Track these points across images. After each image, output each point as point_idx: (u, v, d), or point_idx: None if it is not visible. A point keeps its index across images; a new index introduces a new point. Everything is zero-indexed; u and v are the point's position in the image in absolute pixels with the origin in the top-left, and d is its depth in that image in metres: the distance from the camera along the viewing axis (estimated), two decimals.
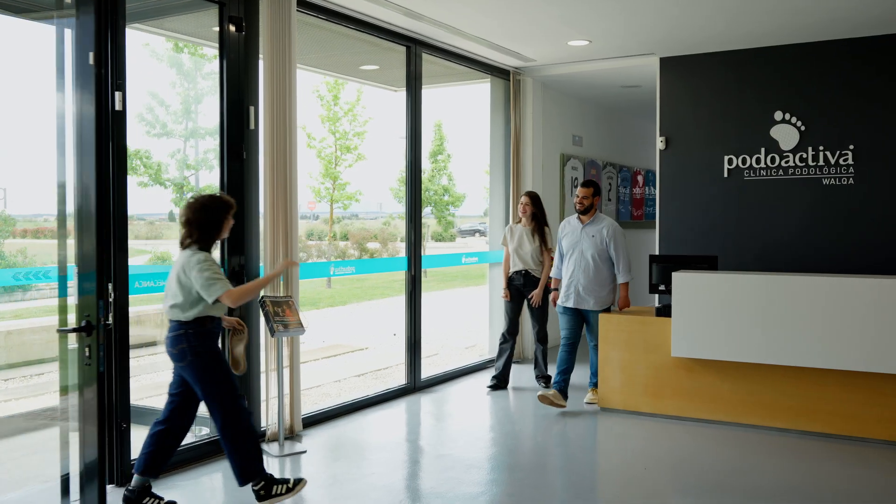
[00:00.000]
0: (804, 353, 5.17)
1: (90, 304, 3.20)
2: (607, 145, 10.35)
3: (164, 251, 13.67)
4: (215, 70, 5.04)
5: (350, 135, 17.98)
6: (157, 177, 14.01)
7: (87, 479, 3.26)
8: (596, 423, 5.75)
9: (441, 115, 19.65)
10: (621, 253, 5.97)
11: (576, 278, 6.00)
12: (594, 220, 6.07)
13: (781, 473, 4.59)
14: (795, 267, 6.71)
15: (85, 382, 3.24)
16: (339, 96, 17.74)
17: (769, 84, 6.94)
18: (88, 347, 3.20)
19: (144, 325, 7.73)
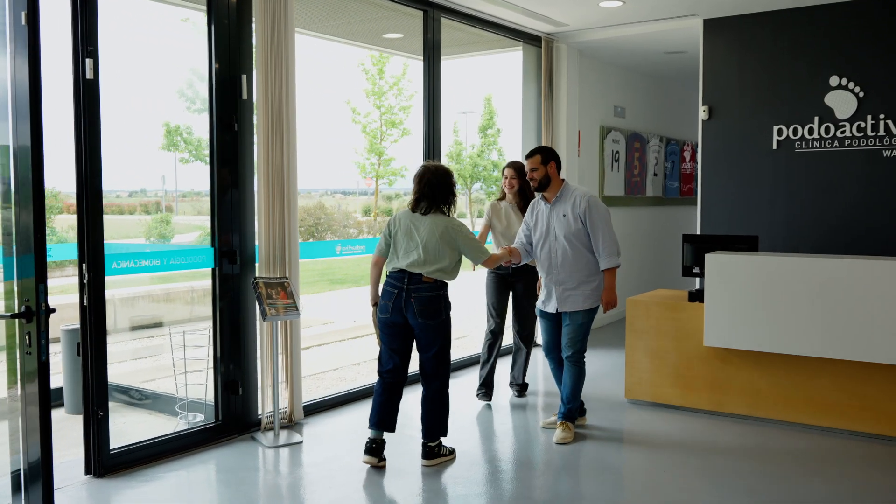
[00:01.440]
0: (855, 346, 4.62)
1: (29, 288, 2.93)
2: (653, 117, 9.75)
3: None
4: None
5: (396, 109, 17.64)
6: (197, 153, 13.99)
7: (31, 474, 3.02)
8: (623, 415, 5.32)
9: (486, 87, 19.13)
10: (601, 229, 4.58)
11: (555, 275, 4.68)
12: (562, 195, 4.68)
13: (823, 478, 4.09)
14: (851, 249, 6.09)
15: (27, 373, 2.98)
16: (385, 70, 17.40)
17: (824, 46, 6.28)
18: (28, 335, 2.94)
19: (142, 307, 7.61)
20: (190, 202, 16.12)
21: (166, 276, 8.23)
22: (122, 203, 13.07)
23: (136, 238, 10.76)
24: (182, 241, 11.93)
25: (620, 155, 8.95)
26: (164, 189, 13.13)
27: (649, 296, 5.70)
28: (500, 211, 5.55)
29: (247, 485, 4.06)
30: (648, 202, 9.64)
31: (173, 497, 3.92)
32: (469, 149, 21.55)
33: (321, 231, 18.03)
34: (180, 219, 14.52)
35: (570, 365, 4.72)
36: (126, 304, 7.72)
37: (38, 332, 2.90)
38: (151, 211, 16.33)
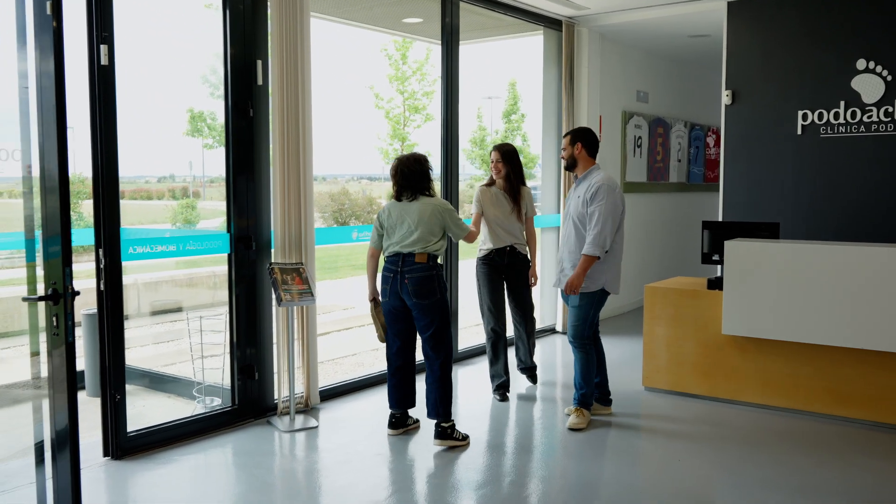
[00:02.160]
0: (876, 335, 4.53)
1: (56, 272, 2.97)
2: (677, 101, 9.61)
3: None
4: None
5: (419, 94, 17.59)
6: (221, 138, 14.09)
7: (59, 452, 3.05)
8: (640, 402, 5.28)
9: (510, 72, 18.98)
10: (596, 216, 4.49)
11: (561, 251, 4.79)
12: (586, 176, 4.69)
13: (843, 469, 4.03)
14: (875, 236, 5.97)
15: (54, 353, 3.02)
16: (408, 55, 17.34)
17: (851, 29, 6.14)
18: (56, 317, 2.98)
19: (163, 292, 7.67)
20: (217, 188, 16.23)
21: (190, 260, 8.31)
22: (150, 188, 13.19)
23: (163, 223, 10.85)
24: (207, 226, 11.99)
25: (643, 140, 8.85)
26: (191, 174, 13.23)
27: (668, 283, 5.64)
28: (489, 196, 5.30)
29: (262, 468, 4.10)
30: (672, 188, 9.53)
31: (190, 480, 3.96)
32: (493, 134, 21.44)
33: (345, 217, 18.09)
34: (207, 204, 14.65)
35: (574, 350, 4.75)
36: (148, 289, 7.80)
37: (65, 314, 2.94)
38: (178, 196, 16.52)
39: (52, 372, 2.94)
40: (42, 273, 3.20)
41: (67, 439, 2.96)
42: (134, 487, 3.83)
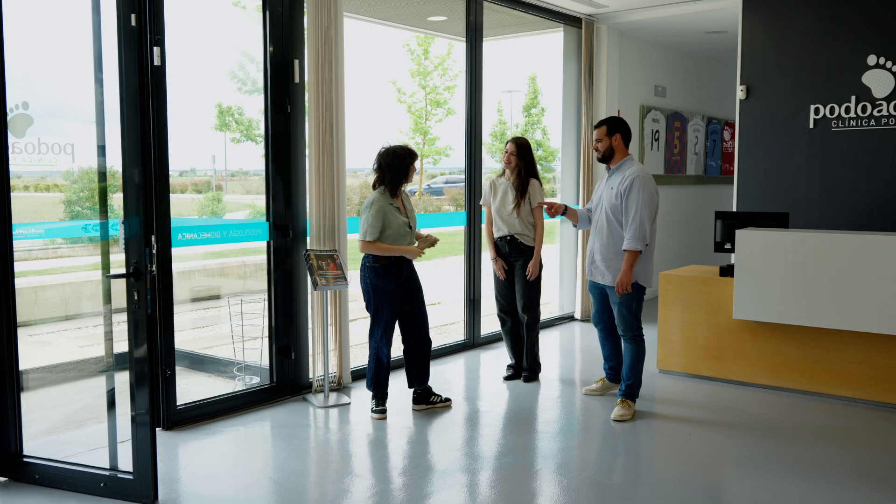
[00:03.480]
0: (880, 319, 4.77)
1: (138, 252, 3.32)
2: (694, 96, 9.83)
3: (262, 206, 14.20)
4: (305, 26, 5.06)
5: (440, 89, 17.87)
6: (248, 133, 14.44)
7: (140, 428, 3.39)
8: (654, 385, 5.55)
9: (530, 66, 19.20)
10: (634, 208, 4.54)
11: (592, 242, 4.85)
12: (620, 167, 4.73)
13: (849, 448, 4.29)
14: (884, 226, 6.18)
15: (135, 325, 3.37)
16: (430, 50, 17.61)
17: (862, 25, 6.34)
18: (137, 292, 3.33)
19: (198, 281, 8.02)
20: (239, 181, 16.62)
21: (220, 251, 8.69)
22: (173, 182, 13.56)
23: (189, 216, 11.21)
24: (232, 218, 12.35)
25: (660, 134, 9.08)
26: (213, 168, 13.60)
27: (682, 270, 5.90)
28: (496, 187, 5.50)
29: (299, 439, 4.42)
30: (689, 181, 9.75)
31: (235, 448, 4.30)
32: (514, 128, 21.67)
33: None
34: (230, 197, 15.04)
35: (626, 342, 4.82)
36: (184, 278, 8.18)
37: (145, 289, 3.29)
38: (202, 190, 16.83)
39: (132, 343, 3.27)
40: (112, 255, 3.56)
41: (147, 406, 3.30)
42: (186, 454, 4.17)
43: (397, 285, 4.75)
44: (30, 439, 3.85)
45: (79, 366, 6.01)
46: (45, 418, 4.89)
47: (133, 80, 3.21)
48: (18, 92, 3.95)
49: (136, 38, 3.16)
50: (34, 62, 4.45)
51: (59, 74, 5.92)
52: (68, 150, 4.78)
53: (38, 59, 4.60)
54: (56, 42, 5.58)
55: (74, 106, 6.41)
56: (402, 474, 3.96)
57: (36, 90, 4.29)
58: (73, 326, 7.50)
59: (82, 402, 5.39)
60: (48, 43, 4.97)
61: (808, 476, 3.87)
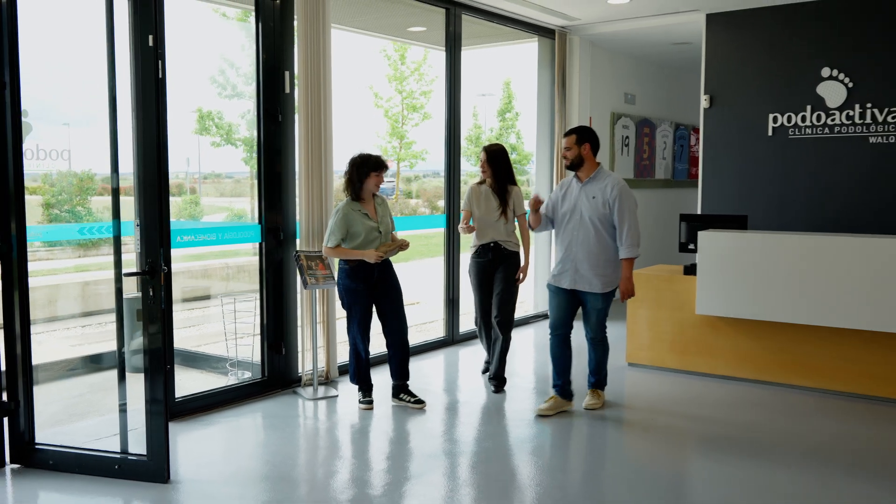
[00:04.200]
0: (828, 314, 5.17)
1: (153, 251, 3.61)
2: (663, 103, 10.25)
3: (240, 208, 14.40)
4: None
5: (417, 94, 18.18)
6: (228, 137, 14.65)
7: (154, 413, 3.67)
8: (624, 377, 5.91)
9: (505, 71, 19.59)
10: (627, 218, 4.69)
11: (574, 252, 4.80)
12: (596, 177, 4.79)
13: (803, 432, 4.67)
14: (839, 227, 6.61)
15: (150, 319, 3.65)
16: (406, 56, 17.91)
17: (817, 39, 6.78)
18: (152, 288, 3.61)
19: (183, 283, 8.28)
20: (212, 184, 16.79)
21: (201, 254, 8.96)
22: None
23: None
24: (210, 220, 12.59)
25: (630, 140, 9.48)
26: (186, 171, 13.80)
27: (649, 269, 6.28)
28: (479, 195, 5.52)
29: (290, 428, 4.72)
30: (658, 184, 10.16)
31: (230, 437, 4.58)
32: (488, 132, 22.05)
33: None
34: (205, 200, 15.27)
35: (597, 344, 5.02)
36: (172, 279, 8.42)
37: (160, 286, 3.57)
38: (174, 193, 16.89)
39: (146, 336, 3.55)
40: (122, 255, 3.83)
41: (162, 393, 3.59)
42: (185, 442, 4.44)
43: (367, 286, 4.96)
44: (38, 430, 4.11)
45: (69, 364, 6.24)
46: (45, 412, 5.12)
47: (151, 95, 3.50)
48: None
49: (153, 57, 3.44)
50: (31, 70, 4.65)
51: (54, 82, 6.16)
52: (65, 155, 5.04)
53: (34, 68, 4.82)
54: (53, 52, 5.82)
55: (69, 113, 6.65)
56: (388, 458, 4.27)
57: (33, 97, 4.52)
58: (62, 327, 7.73)
59: (80, 396, 5.63)
60: (45, 52, 5.20)
61: (766, 458, 4.25)
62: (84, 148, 8.10)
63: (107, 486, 3.75)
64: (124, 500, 3.62)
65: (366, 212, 4.95)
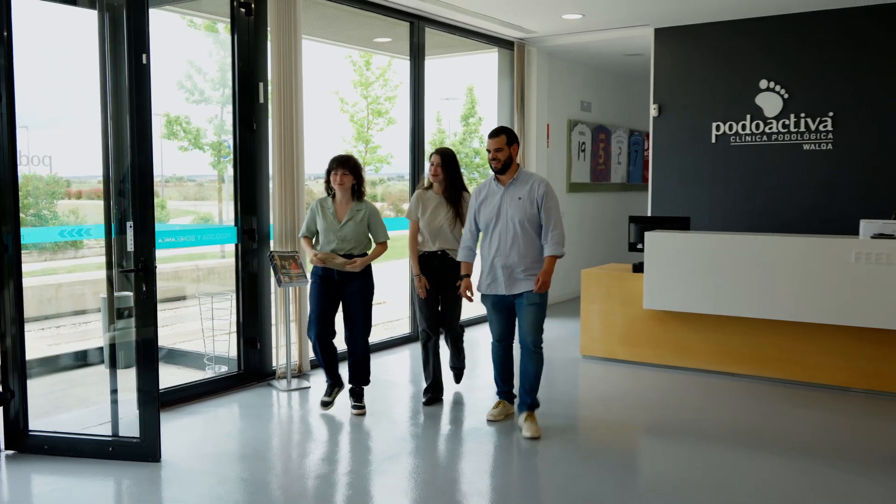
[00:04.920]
0: (764, 307, 5.65)
1: (147, 250, 3.93)
2: (618, 110, 10.74)
3: (206, 212, 14.61)
4: None
5: (381, 99, 18.53)
6: (196, 141, 14.86)
7: (147, 398, 4.00)
8: (578, 368, 6.34)
9: (468, 77, 20.03)
10: (553, 217, 4.55)
11: (504, 256, 4.59)
12: (519, 179, 4.62)
13: (740, 414, 5.14)
14: (775, 227, 7.13)
15: (143, 313, 3.98)
16: (371, 62, 18.26)
17: (756, 54, 7.30)
18: (146, 284, 3.94)
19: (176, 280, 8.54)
20: (175, 188, 16.94)
21: (173, 256, 9.23)
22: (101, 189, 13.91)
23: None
24: (176, 223, 12.82)
25: (587, 145, 9.95)
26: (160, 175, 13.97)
27: (601, 268, 6.73)
28: (425, 201, 5.20)
29: (267, 416, 5.06)
30: (614, 188, 10.66)
31: (210, 424, 4.91)
32: (452, 136, 22.48)
33: None
34: (171, 204, 15.51)
35: (532, 353, 4.66)
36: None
37: (153, 282, 3.92)
38: None
39: (139, 328, 3.89)
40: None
41: (154, 381, 3.93)
42: (168, 430, 4.73)
43: (327, 286, 4.97)
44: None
45: (50, 361, 6.48)
46: (31, 405, 5.38)
47: (145, 107, 3.83)
48: None
49: (146, 74, 3.77)
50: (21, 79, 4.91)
51: (36, 91, 6.42)
52: (46, 161, 5.32)
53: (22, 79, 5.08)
54: (37, 63, 6.08)
55: (52, 119, 6.90)
56: (356, 441, 4.64)
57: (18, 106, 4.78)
58: (37, 328, 7.96)
59: (63, 391, 5.89)
60: (31, 64, 5.47)
61: (707, 439, 4.70)
62: (61, 154, 8.30)
63: (100, 466, 4.06)
64: (119, 478, 3.94)
65: (333, 210, 5.00)
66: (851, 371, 5.56)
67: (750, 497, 3.76)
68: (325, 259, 4.92)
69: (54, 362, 6.53)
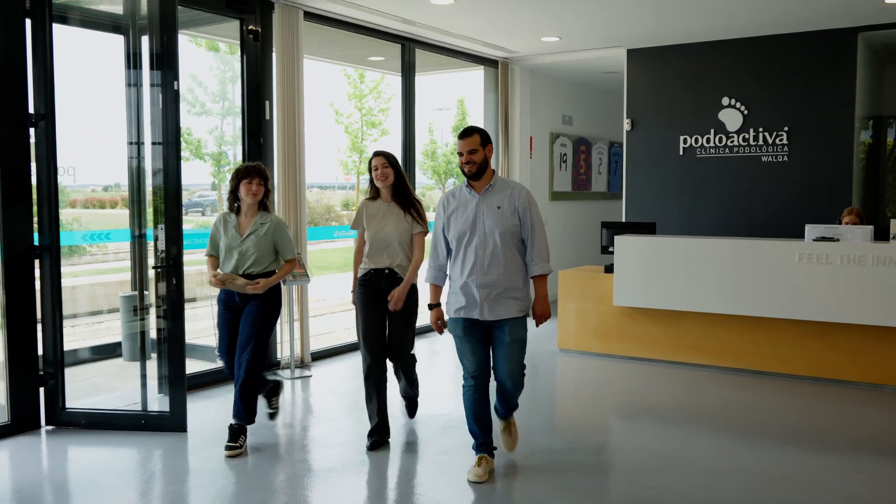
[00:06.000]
0: (722, 303, 6.29)
1: (177, 248, 4.55)
2: (598, 123, 11.40)
3: (205, 220, 15.22)
4: None
5: (375, 111, 19.19)
6: (197, 152, 15.49)
7: (176, 376, 4.61)
8: (556, 360, 6.97)
9: (459, 89, 20.70)
10: (539, 230, 3.95)
11: (480, 275, 3.88)
12: (496, 185, 3.96)
13: (697, 400, 5.77)
14: (739, 231, 7.79)
15: (173, 304, 4.59)
16: (365, 75, 18.91)
17: (719, 73, 7.98)
18: (175, 279, 4.55)
19: None
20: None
21: None
22: (102, 197, 14.40)
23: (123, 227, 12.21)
24: None
25: (568, 157, 10.61)
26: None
27: (577, 269, 7.37)
28: (371, 211, 4.55)
29: None
30: (595, 196, 11.31)
31: (224, 404, 5.51)
32: (444, 146, 23.15)
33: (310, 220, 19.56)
34: None
35: (516, 387, 4.09)
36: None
37: (182, 277, 4.53)
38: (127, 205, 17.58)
39: (170, 318, 4.49)
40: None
41: (183, 362, 4.54)
42: (189, 409, 5.35)
43: (228, 309, 4.51)
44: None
45: (69, 355, 7.07)
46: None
47: (173, 128, 4.46)
48: None
49: (176, 98, 4.40)
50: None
51: (66, 108, 7.05)
52: (70, 171, 5.93)
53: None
54: (69, 83, 6.71)
55: (74, 133, 7.55)
56: (355, 419, 5.25)
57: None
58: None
59: (86, 380, 6.48)
60: (63, 81, 6.09)
61: (673, 423, 5.33)
62: (86, 164, 8.85)
63: (132, 437, 4.67)
64: (151, 447, 4.54)
65: (236, 224, 4.48)
66: (795, 360, 6.20)
67: (695, 463, 4.40)
68: (226, 280, 4.36)
69: (72, 356, 7.12)
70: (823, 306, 5.89)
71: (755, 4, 6.57)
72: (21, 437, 4.72)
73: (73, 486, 4.08)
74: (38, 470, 4.32)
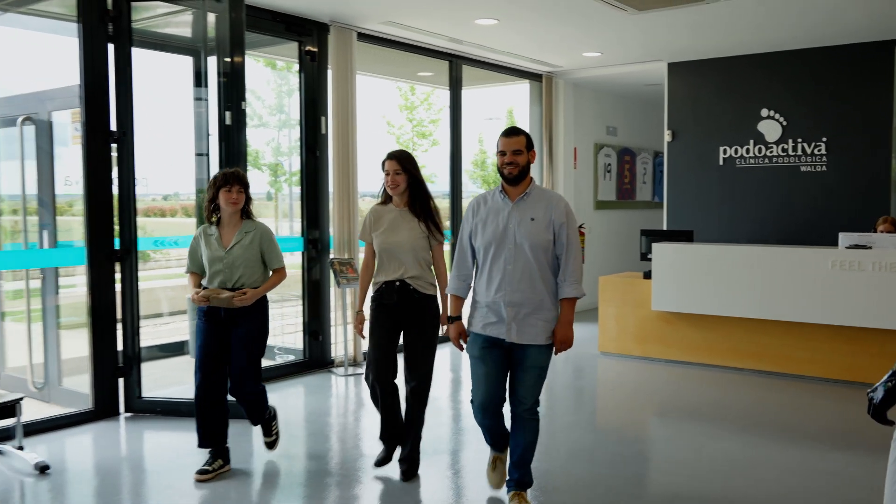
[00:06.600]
0: (752, 307, 6.51)
1: None
2: (641, 134, 11.64)
3: None
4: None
5: (426, 122, 19.67)
6: (255, 162, 16.19)
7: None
8: (597, 363, 7.25)
9: (507, 100, 21.06)
10: (574, 248, 3.58)
11: (509, 291, 3.53)
12: (532, 194, 3.60)
13: (735, 401, 6.01)
14: (776, 239, 7.97)
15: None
16: (416, 88, 19.41)
17: (757, 85, 8.18)
18: None
19: None
20: None
21: None
22: (163, 206, 15.00)
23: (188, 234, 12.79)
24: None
25: (612, 167, 10.87)
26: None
27: (617, 276, 7.65)
28: (381, 217, 4.12)
29: (329, 393, 6.11)
30: (640, 205, 11.54)
31: (282, 398, 5.95)
32: (493, 156, 23.50)
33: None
34: None
35: (528, 420, 3.65)
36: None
37: None
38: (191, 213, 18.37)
39: None
40: None
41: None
42: None
43: (210, 321, 4.16)
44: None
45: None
46: None
47: (236, 144, 4.93)
48: None
49: (243, 117, 4.86)
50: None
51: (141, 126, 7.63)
52: (144, 182, 6.46)
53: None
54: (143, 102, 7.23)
55: (142, 147, 8.10)
56: None
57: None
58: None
59: (149, 374, 7.01)
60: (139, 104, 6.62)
61: (710, 424, 5.59)
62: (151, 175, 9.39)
63: None
64: None
65: (217, 237, 4.18)
66: (829, 364, 6.38)
67: (741, 467, 4.67)
68: (210, 296, 4.07)
69: (145, 352, 7.66)
70: (856, 312, 6.07)
71: (790, 21, 6.79)
72: (102, 422, 5.23)
73: (149, 464, 4.55)
74: (118, 451, 4.80)
